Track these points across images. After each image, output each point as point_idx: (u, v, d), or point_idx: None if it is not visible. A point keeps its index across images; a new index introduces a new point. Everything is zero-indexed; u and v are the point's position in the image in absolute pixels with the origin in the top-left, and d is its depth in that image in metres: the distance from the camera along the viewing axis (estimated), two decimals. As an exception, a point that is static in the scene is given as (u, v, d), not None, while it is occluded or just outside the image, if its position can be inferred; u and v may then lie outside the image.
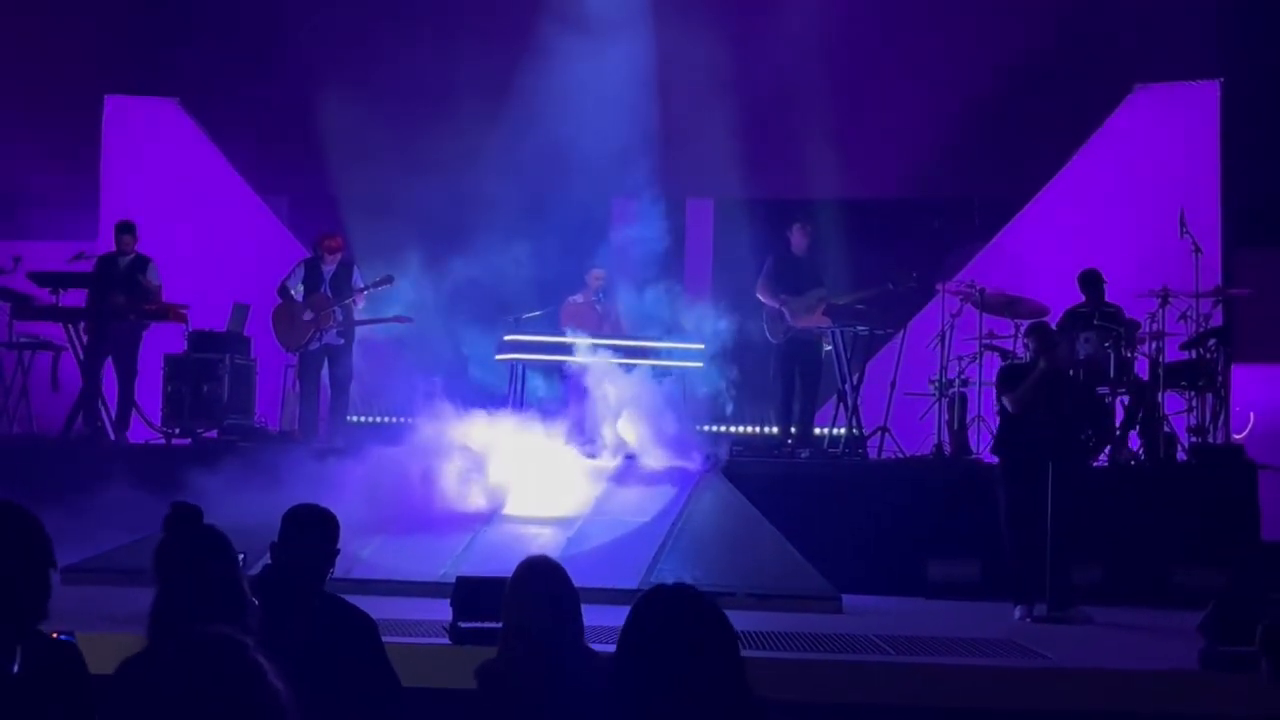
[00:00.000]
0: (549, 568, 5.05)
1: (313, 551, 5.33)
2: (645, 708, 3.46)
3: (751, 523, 11.62)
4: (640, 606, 3.60)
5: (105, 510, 12.21)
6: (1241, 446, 12.99)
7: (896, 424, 13.61)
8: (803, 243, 13.81)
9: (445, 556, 11.14)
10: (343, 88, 15.64)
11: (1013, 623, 10.39)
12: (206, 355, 14.47)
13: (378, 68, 16.01)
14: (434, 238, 15.30)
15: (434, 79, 16.04)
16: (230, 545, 4.80)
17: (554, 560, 5.09)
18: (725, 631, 3.55)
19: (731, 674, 3.51)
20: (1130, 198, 14.98)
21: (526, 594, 4.93)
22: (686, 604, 3.60)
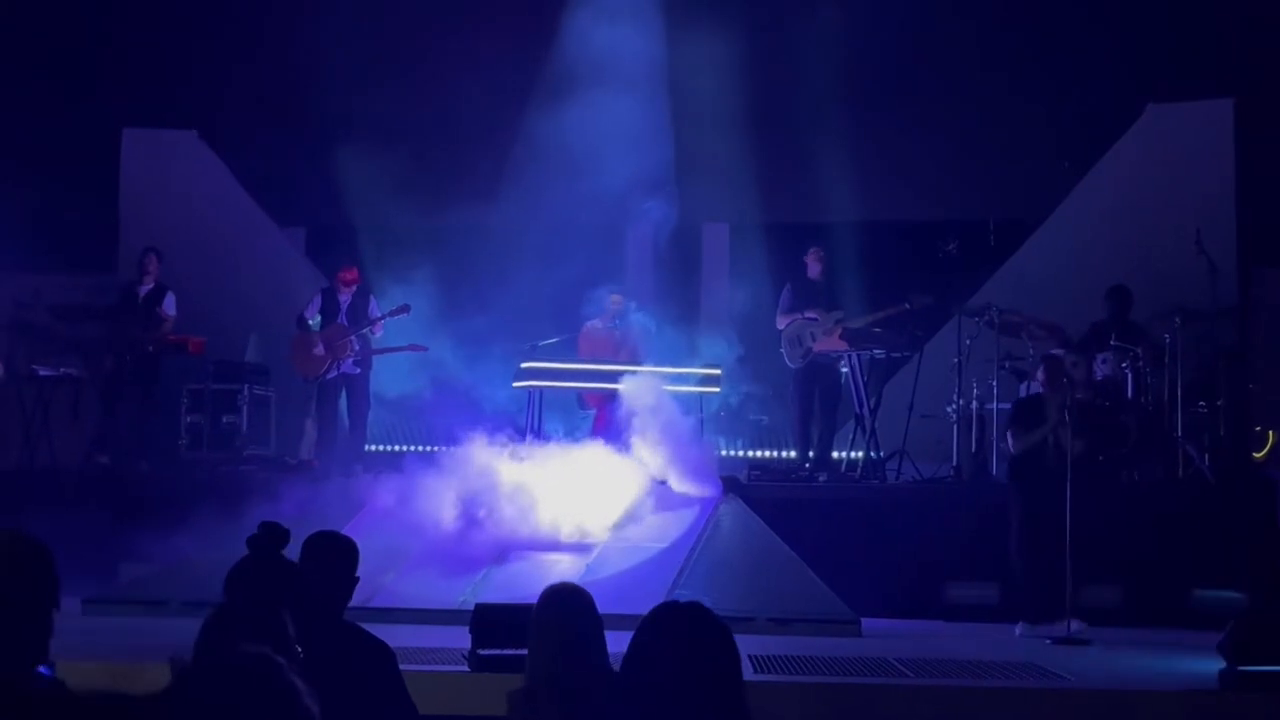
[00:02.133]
0: (574, 594, 5.07)
1: (332, 579, 5.35)
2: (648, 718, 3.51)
3: (770, 547, 11.63)
4: (648, 620, 3.66)
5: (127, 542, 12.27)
6: (1261, 465, 12.96)
7: (914, 447, 13.60)
8: (818, 268, 13.86)
9: (464, 584, 11.17)
10: (360, 119, 15.75)
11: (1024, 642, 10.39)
12: (226, 386, 14.55)
13: (395, 99, 16.09)
14: (450, 266, 15.37)
15: (450, 109, 16.12)
16: (301, 576, 4.89)
17: (579, 586, 5.11)
18: (728, 649, 3.60)
19: (732, 691, 3.56)
20: (1145, 217, 14.97)
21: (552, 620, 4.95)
22: (691, 620, 3.66)
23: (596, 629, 4.98)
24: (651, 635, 3.65)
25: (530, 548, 11.65)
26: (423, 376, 14.82)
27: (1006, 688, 8.41)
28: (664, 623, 3.67)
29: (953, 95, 15.59)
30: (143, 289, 14.56)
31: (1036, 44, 15.16)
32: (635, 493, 12.11)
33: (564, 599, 5.02)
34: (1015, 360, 13.62)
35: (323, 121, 15.90)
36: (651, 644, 3.63)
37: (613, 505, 11.98)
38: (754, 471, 13.76)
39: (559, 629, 4.87)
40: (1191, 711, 8.07)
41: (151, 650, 7.97)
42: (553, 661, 4.83)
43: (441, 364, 14.53)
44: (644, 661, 3.60)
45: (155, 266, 14.58)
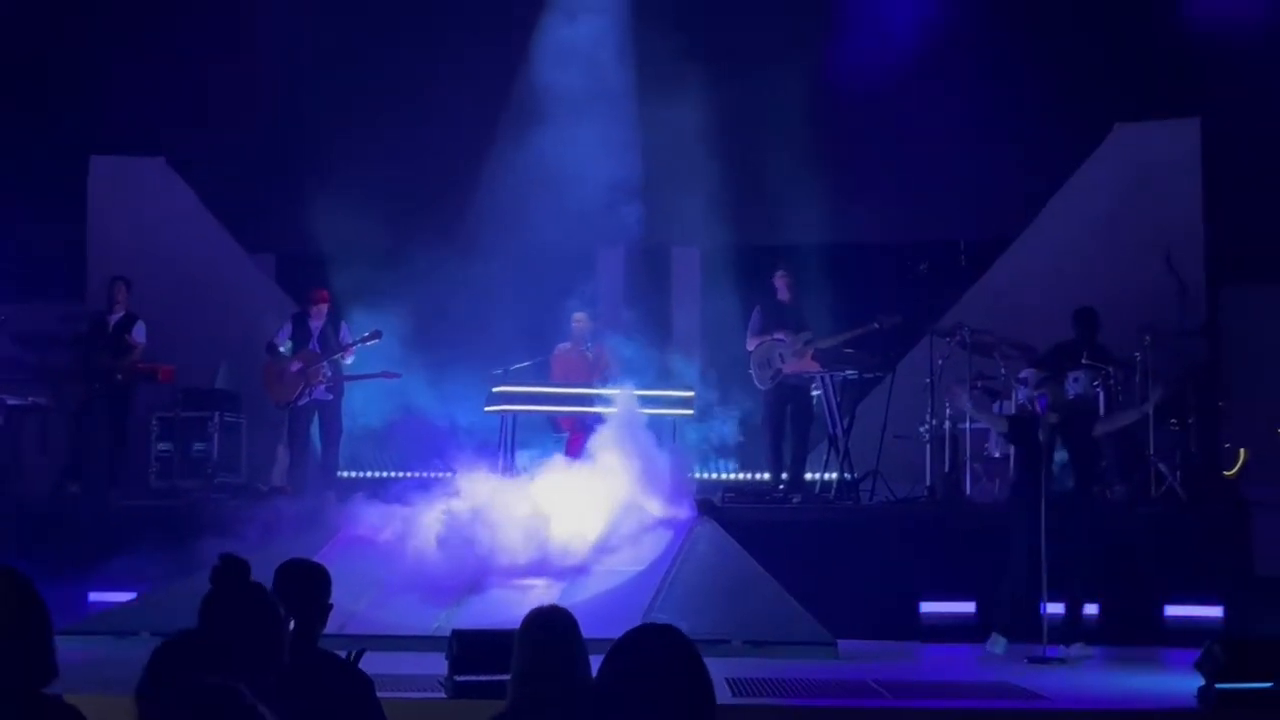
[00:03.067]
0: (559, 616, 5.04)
1: (305, 606, 5.31)
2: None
3: (745, 569, 11.61)
4: (619, 644, 3.66)
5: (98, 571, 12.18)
6: (1234, 482, 13.01)
7: (887, 467, 13.61)
8: (786, 290, 13.85)
9: (438, 610, 11.11)
10: (330, 145, 15.68)
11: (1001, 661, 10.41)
12: (196, 413, 14.48)
13: (365, 124, 16.05)
14: (421, 292, 15.31)
15: (420, 135, 16.10)
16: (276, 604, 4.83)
17: (563, 608, 5.07)
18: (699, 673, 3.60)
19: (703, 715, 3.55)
20: (1114, 236, 15.03)
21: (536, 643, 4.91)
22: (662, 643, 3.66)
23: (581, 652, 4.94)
24: (622, 658, 3.65)
25: (505, 573, 11.60)
26: (394, 402, 14.76)
27: (984, 709, 8.40)
28: (635, 646, 3.66)
29: (923, 116, 15.63)
30: (112, 317, 14.49)
31: (1005, 64, 15.21)
32: (610, 516, 12.06)
33: (548, 622, 4.99)
34: (987, 380, 13.65)
35: (292, 147, 15.86)
36: (622, 667, 3.63)
37: (587, 529, 11.93)
38: (728, 494, 13.74)
39: (543, 652, 4.83)
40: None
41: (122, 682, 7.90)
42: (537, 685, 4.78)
43: (413, 390, 14.47)
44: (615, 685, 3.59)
45: (124, 295, 14.52)
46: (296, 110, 15.65)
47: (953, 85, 15.67)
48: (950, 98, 15.65)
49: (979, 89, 15.47)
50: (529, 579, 11.56)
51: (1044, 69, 15.08)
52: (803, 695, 8.78)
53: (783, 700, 8.60)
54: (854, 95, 15.76)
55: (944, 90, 15.67)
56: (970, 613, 11.73)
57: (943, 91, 15.67)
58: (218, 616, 4.57)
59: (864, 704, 8.52)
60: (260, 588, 4.85)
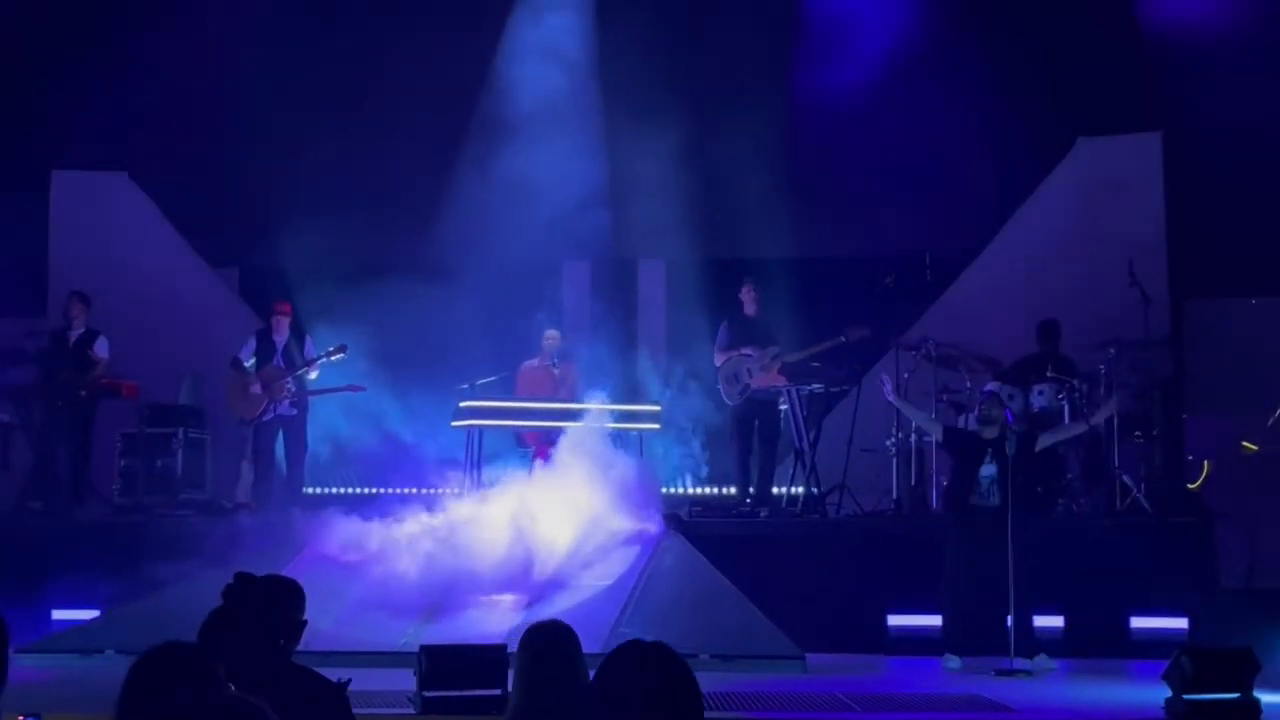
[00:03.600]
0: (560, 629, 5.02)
1: (278, 622, 5.28)
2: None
3: (713, 583, 11.60)
4: (612, 658, 3.64)
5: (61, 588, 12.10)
6: (1197, 494, 13.07)
7: (853, 481, 13.63)
8: (753, 304, 13.85)
9: (405, 626, 11.07)
10: (293, 159, 15.62)
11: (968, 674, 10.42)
12: (160, 429, 14.38)
13: (328, 139, 15.99)
14: (386, 306, 15.26)
15: (385, 146, 16.05)
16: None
17: (564, 623, 5.05)
18: (691, 690, 3.58)
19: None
20: (1078, 249, 15.09)
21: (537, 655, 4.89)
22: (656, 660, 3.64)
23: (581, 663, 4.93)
24: (615, 673, 3.63)
25: (471, 588, 11.56)
26: (360, 418, 14.70)
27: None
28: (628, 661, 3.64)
29: (889, 130, 15.68)
30: (73, 333, 14.37)
31: (969, 79, 15.27)
32: (577, 531, 12.03)
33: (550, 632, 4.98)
34: (953, 393, 13.69)
35: (255, 161, 15.78)
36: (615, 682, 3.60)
37: (554, 544, 11.90)
38: (695, 508, 13.73)
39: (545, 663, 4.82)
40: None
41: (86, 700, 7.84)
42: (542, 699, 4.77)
43: (379, 405, 14.42)
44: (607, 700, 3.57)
45: (81, 311, 14.38)
46: (259, 124, 15.57)
47: (918, 100, 15.74)
48: (916, 112, 15.73)
49: (944, 104, 15.53)
50: (495, 594, 11.52)
51: (1008, 84, 15.15)
52: (771, 709, 8.77)
53: (751, 714, 8.59)
54: (821, 109, 15.80)
55: (910, 105, 15.74)
56: (937, 626, 11.75)
57: (908, 106, 15.74)
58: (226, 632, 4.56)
59: (832, 717, 8.52)
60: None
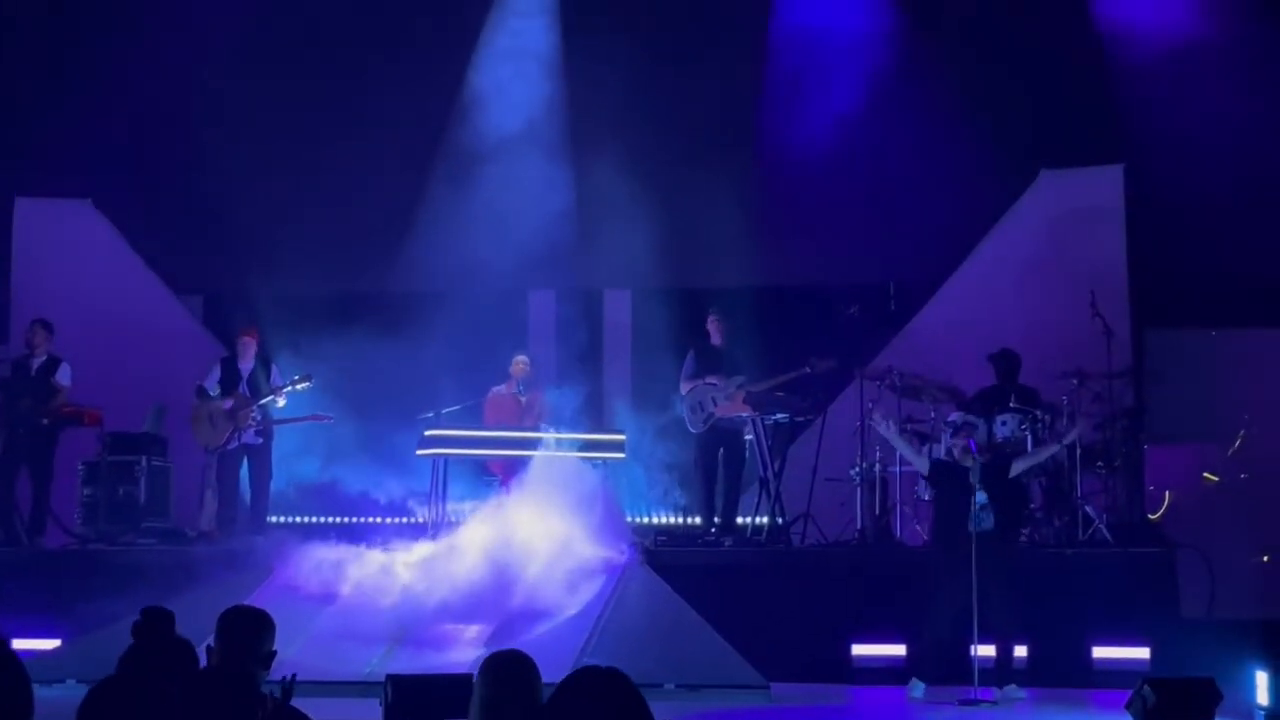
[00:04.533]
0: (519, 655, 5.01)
1: (248, 653, 5.26)
2: None
3: (678, 613, 11.62)
4: (564, 685, 3.66)
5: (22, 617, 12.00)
6: (1159, 525, 13.15)
7: (818, 510, 13.67)
8: (719, 334, 13.87)
9: (369, 655, 11.05)
10: (258, 187, 15.60)
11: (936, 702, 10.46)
12: (123, 457, 14.29)
13: (293, 166, 16.00)
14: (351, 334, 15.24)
15: (350, 178, 16.05)
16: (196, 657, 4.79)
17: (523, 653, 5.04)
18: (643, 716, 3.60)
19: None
20: (1040, 281, 15.17)
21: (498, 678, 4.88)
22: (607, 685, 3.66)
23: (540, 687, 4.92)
24: (568, 700, 3.65)
25: (436, 617, 11.54)
26: (325, 446, 14.67)
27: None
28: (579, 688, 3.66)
29: (853, 161, 15.77)
30: (35, 360, 14.28)
31: (934, 111, 15.37)
32: (542, 560, 12.03)
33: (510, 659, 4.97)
34: (916, 423, 13.74)
35: (220, 189, 15.75)
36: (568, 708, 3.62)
37: (519, 573, 11.89)
38: (660, 537, 13.74)
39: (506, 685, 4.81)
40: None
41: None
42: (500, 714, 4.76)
43: (344, 433, 14.39)
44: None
45: (43, 338, 14.28)
46: (225, 152, 15.53)
47: (884, 131, 15.82)
48: (881, 143, 15.81)
49: (909, 135, 15.62)
50: (461, 623, 11.50)
51: (972, 115, 15.25)
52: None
53: (717, 744, 8.60)
54: (787, 140, 15.89)
55: (875, 136, 15.82)
56: (901, 655, 11.79)
57: (874, 137, 15.82)
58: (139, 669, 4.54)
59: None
60: (183, 642, 4.83)
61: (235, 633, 5.30)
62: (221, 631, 5.29)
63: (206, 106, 15.88)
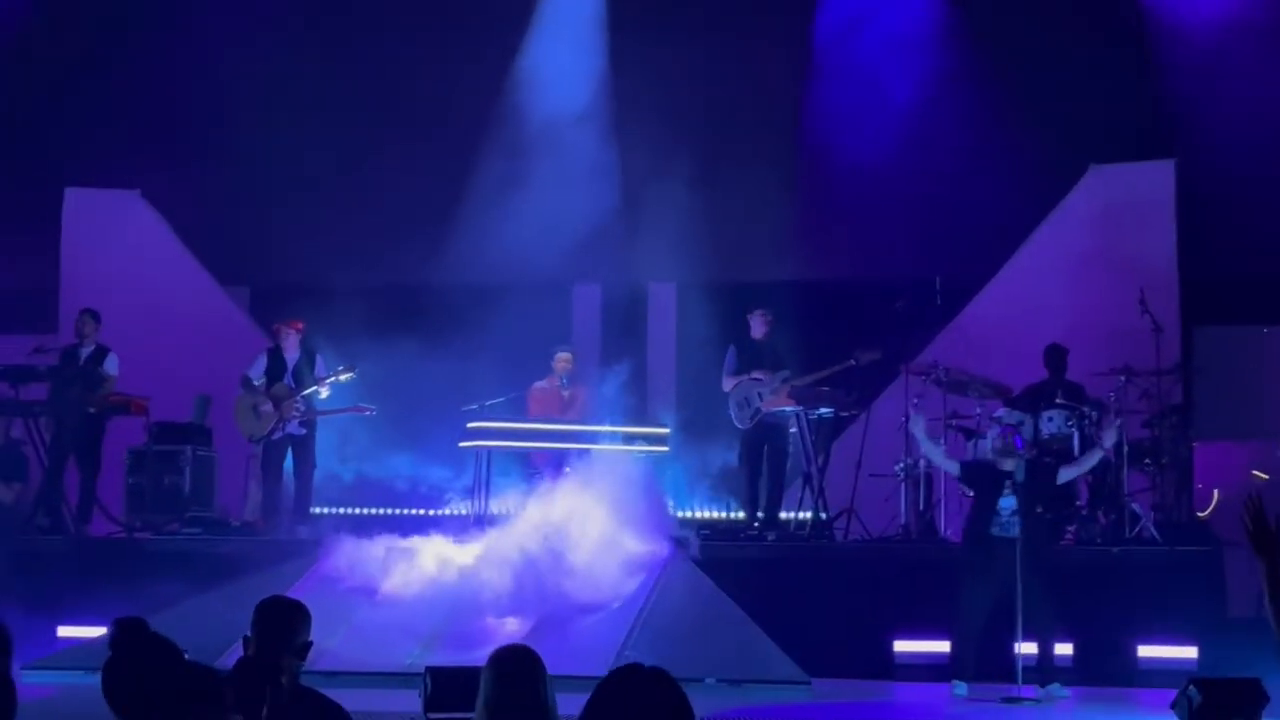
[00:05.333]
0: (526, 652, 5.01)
1: (283, 643, 5.26)
2: None
3: (720, 607, 11.57)
4: (607, 682, 3.63)
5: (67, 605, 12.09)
6: (1207, 523, 13.02)
7: (862, 505, 13.60)
8: (763, 329, 13.80)
9: (411, 646, 11.05)
10: (304, 179, 15.67)
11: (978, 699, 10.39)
12: (168, 447, 14.36)
13: (340, 159, 16.04)
14: (396, 326, 15.27)
15: (396, 170, 16.08)
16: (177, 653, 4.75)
17: (528, 647, 5.03)
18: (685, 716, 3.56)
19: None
20: (1089, 277, 15.07)
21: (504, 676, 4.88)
22: (651, 685, 3.62)
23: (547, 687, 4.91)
24: (608, 697, 3.61)
25: (478, 610, 11.54)
26: (369, 438, 14.69)
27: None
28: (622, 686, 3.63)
29: (901, 155, 15.66)
30: (83, 350, 14.37)
31: (983, 104, 15.27)
32: (585, 553, 12.01)
33: (516, 656, 4.96)
34: (962, 419, 13.65)
35: (267, 180, 15.83)
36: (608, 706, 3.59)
37: (562, 566, 11.88)
38: (703, 531, 13.69)
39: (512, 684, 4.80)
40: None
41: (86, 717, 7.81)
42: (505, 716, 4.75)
43: (387, 425, 14.41)
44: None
45: (91, 328, 14.37)
46: (272, 143, 15.61)
47: (931, 125, 15.72)
48: (929, 138, 15.70)
49: (957, 129, 15.53)
50: (502, 616, 11.49)
51: (1021, 110, 15.15)
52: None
53: (757, 739, 8.56)
54: (833, 134, 15.81)
55: (923, 130, 15.72)
56: (944, 652, 11.70)
57: (921, 131, 15.72)
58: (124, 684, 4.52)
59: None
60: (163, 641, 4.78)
61: (270, 623, 5.30)
62: (256, 622, 5.29)
63: (254, 98, 15.92)
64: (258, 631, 5.29)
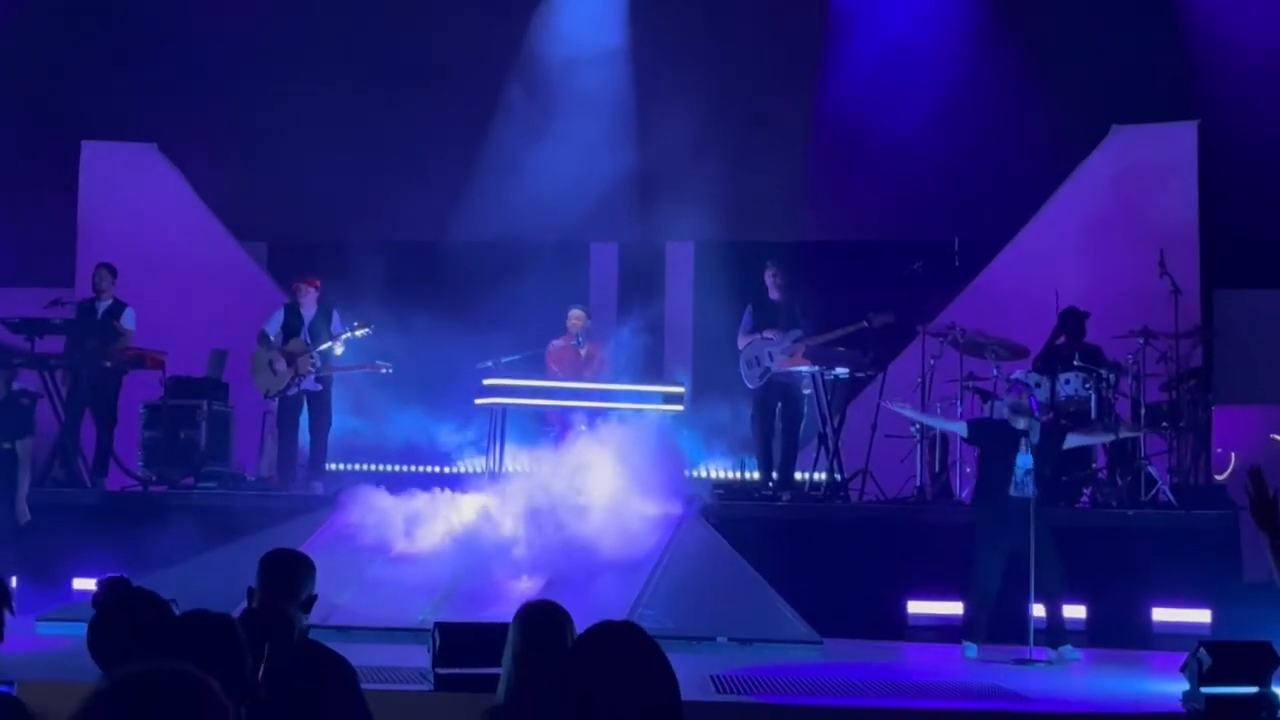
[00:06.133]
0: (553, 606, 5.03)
1: (288, 596, 5.28)
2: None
3: (733, 567, 11.57)
4: (579, 641, 3.65)
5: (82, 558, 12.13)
6: (1224, 487, 12.97)
7: (877, 466, 13.56)
8: (777, 288, 13.73)
9: (422, 603, 11.07)
10: (321, 135, 15.65)
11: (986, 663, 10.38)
12: (184, 401, 14.37)
13: (355, 115, 16.02)
14: (412, 283, 15.28)
15: (411, 126, 16.06)
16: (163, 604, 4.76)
17: (555, 603, 5.05)
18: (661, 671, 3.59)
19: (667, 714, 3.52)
20: (1109, 239, 15.00)
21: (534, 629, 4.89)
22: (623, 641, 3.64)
23: None
24: (582, 656, 3.63)
25: (490, 567, 11.55)
26: (384, 393, 14.71)
27: (968, 709, 8.36)
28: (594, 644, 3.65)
29: (920, 115, 15.57)
30: (100, 304, 14.39)
31: (1003, 64, 15.18)
32: (598, 512, 12.00)
33: (544, 609, 4.98)
34: (979, 380, 13.61)
35: (284, 135, 15.80)
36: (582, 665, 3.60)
37: (575, 524, 11.87)
38: (717, 491, 13.67)
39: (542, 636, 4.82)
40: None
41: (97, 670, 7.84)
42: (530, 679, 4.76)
43: (403, 382, 14.41)
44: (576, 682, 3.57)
45: (108, 282, 14.39)
46: (290, 98, 15.59)
47: (952, 86, 15.63)
48: (948, 97, 15.61)
49: (977, 89, 15.44)
50: (515, 573, 11.50)
51: (1043, 70, 15.06)
52: (788, 693, 8.74)
53: (768, 698, 8.56)
54: (851, 93, 15.73)
55: (944, 91, 15.63)
56: (957, 614, 11.70)
57: (942, 92, 15.63)
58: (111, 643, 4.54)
59: (849, 703, 8.47)
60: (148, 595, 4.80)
61: (274, 576, 5.32)
62: (261, 575, 5.32)
63: (273, 52, 15.89)
64: (262, 584, 5.31)
